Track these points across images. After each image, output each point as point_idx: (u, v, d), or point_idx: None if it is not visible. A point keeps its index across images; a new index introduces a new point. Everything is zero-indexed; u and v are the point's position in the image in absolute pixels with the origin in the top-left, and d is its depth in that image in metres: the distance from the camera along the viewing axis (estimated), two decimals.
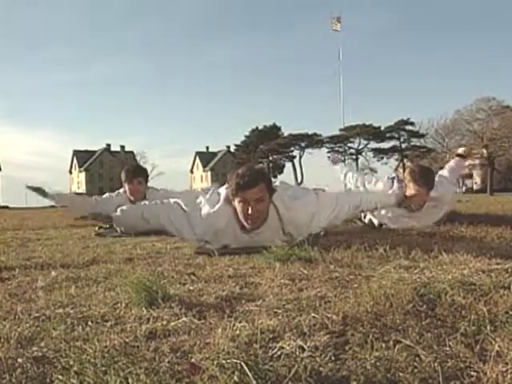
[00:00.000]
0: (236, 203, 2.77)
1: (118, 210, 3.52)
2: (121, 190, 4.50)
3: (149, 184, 4.79)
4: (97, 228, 4.89)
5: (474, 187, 64.03)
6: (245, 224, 2.80)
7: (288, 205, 2.88)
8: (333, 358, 1.01)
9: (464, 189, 60.26)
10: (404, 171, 4.17)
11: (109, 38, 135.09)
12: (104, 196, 4.64)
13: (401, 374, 0.94)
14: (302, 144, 66.46)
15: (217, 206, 2.86)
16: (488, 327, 1.15)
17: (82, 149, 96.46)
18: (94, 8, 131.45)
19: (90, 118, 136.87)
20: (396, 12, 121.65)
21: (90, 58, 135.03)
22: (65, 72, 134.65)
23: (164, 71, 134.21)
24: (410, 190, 3.70)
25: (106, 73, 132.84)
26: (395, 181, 3.88)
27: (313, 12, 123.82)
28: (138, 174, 4.36)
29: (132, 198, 4.37)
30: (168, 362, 1.01)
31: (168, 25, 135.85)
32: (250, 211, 2.72)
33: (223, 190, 2.94)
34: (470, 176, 66.57)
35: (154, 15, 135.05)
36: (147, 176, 4.46)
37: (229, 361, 0.96)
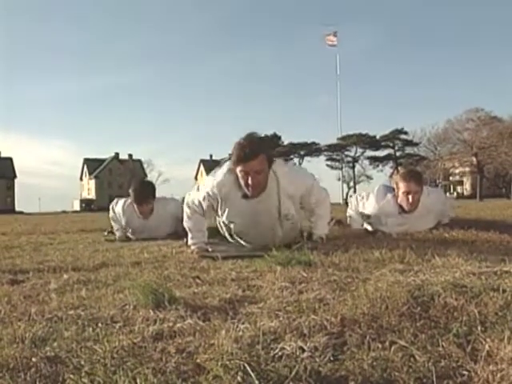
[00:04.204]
0: (237, 172, 2.83)
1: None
2: (126, 204, 4.44)
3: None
4: (105, 233, 4.90)
5: (465, 193, 64.02)
6: (246, 191, 2.86)
7: (287, 176, 2.93)
8: (331, 358, 1.01)
9: (455, 195, 60.23)
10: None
11: (118, 49, 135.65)
12: (117, 212, 4.54)
13: (396, 374, 0.93)
14: (302, 152, 66.57)
15: (221, 176, 2.92)
16: (479, 328, 1.15)
17: (92, 157, 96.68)
18: (104, 19, 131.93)
19: (100, 127, 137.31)
20: (389, 27, 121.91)
21: (101, 70, 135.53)
22: (77, 82, 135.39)
23: (170, 81, 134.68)
24: (401, 189, 3.66)
25: (115, 83, 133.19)
26: (388, 192, 3.84)
27: (311, 26, 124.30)
28: (147, 196, 4.30)
29: (141, 216, 4.35)
30: (174, 363, 1.00)
31: (173, 36, 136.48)
32: (250, 181, 2.78)
33: (227, 163, 2.98)
34: (461, 183, 66.60)
35: (161, 26, 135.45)
36: (154, 192, 4.41)
37: (232, 361, 0.96)
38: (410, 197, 3.63)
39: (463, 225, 3.75)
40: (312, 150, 65.90)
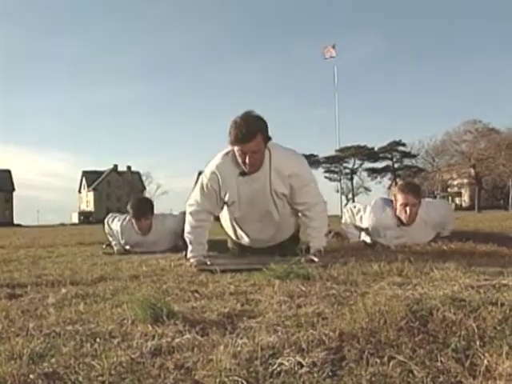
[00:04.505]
0: (235, 150, 2.87)
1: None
2: (124, 221, 4.44)
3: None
4: (104, 246, 4.89)
5: (463, 205, 64.09)
6: (243, 168, 2.91)
7: (280, 155, 2.96)
8: (330, 374, 1.01)
9: (453, 206, 60.23)
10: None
11: (118, 61, 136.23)
12: (114, 229, 4.54)
13: None
14: None
15: (219, 159, 3.01)
16: (477, 343, 1.15)
17: (91, 169, 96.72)
18: (104, 33, 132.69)
19: (98, 139, 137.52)
20: (388, 38, 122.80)
21: (100, 82, 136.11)
22: (76, 95, 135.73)
23: (168, 94, 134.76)
24: (399, 201, 3.65)
25: (115, 95, 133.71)
26: (386, 205, 3.83)
27: (310, 37, 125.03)
28: (145, 212, 4.31)
29: (140, 232, 4.36)
30: (173, 379, 1.00)
31: (173, 49, 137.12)
32: (247, 160, 2.83)
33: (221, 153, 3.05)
34: (459, 194, 66.66)
35: (162, 39, 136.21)
36: (153, 208, 4.43)
37: (231, 378, 0.96)
38: (408, 209, 3.61)
39: (462, 237, 3.75)
40: (310, 161, 65.81)
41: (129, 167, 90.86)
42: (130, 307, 1.61)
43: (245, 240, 3.32)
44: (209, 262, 2.89)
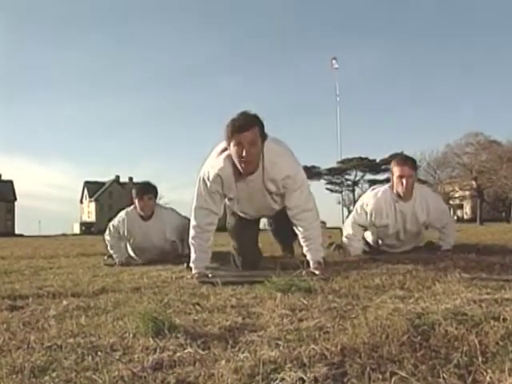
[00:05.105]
0: (231, 147, 2.84)
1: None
2: (129, 209, 4.54)
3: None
4: (105, 257, 4.88)
5: (465, 217, 63.96)
6: (239, 167, 2.87)
7: (274, 159, 2.94)
8: None
9: (455, 219, 60.13)
10: None
11: (117, 75, 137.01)
12: (119, 217, 4.61)
13: None
14: None
15: (218, 162, 2.95)
16: (480, 358, 1.14)
17: (93, 180, 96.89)
18: (104, 45, 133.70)
19: (100, 150, 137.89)
20: (389, 50, 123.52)
21: (102, 94, 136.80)
22: (78, 106, 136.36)
23: (171, 105, 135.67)
24: (395, 173, 3.79)
25: (116, 107, 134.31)
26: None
27: (310, 48, 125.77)
28: (149, 190, 4.40)
29: (142, 214, 4.40)
30: None
31: (173, 62, 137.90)
32: (244, 153, 2.78)
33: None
34: (461, 206, 66.57)
35: (160, 54, 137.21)
36: (157, 193, 4.50)
37: None
38: (404, 180, 3.73)
39: (463, 250, 3.75)
40: (312, 173, 66.00)
41: (130, 178, 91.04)
42: (132, 320, 1.60)
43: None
44: (210, 275, 2.89)
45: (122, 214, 4.57)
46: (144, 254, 4.57)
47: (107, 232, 4.59)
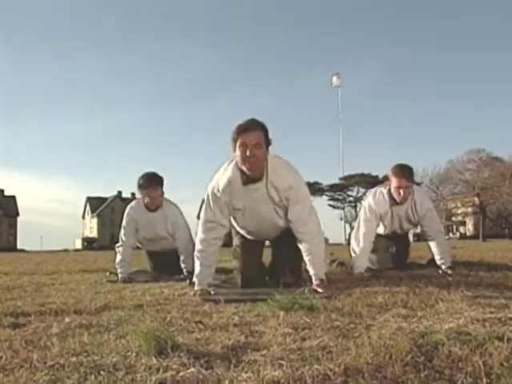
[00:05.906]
0: (237, 150, 2.87)
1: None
2: (135, 201, 4.58)
3: None
4: (107, 274, 4.88)
5: (467, 234, 63.77)
6: (244, 168, 2.88)
7: (277, 168, 2.97)
8: None
9: (458, 235, 59.98)
10: None
11: (118, 90, 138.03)
12: (127, 210, 4.64)
13: None
14: None
15: (226, 172, 2.99)
16: (484, 380, 1.13)
17: (95, 195, 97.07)
18: (109, 64, 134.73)
19: (102, 165, 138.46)
20: (391, 66, 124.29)
21: (105, 110, 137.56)
22: (81, 122, 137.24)
23: (172, 121, 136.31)
24: (393, 184, 4.08)
25: (118, 122, 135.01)
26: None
27: (312, 65, 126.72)
28: (154, 180, 4.41)
29: (149, 204, 4.43)
30: None
31: (174, 78, 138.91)
32: (248, 153, 2.80)
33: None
34: (463, 223, 66.41)
35: (161, 69, 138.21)
36: (162, 181, 4.51)
37: None
38: (402, 191, 4.04)
39: (466, 267, 3.74)
40: (314, 189, 65.89)
41: (133, 194, 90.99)
42: (134, 338, 1.60)
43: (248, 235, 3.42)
44: (213, 292, 2.88)
45: (131, 204, 4.63)
46: (150, 245, 4.66)
47: (120, 237, 4.58)
